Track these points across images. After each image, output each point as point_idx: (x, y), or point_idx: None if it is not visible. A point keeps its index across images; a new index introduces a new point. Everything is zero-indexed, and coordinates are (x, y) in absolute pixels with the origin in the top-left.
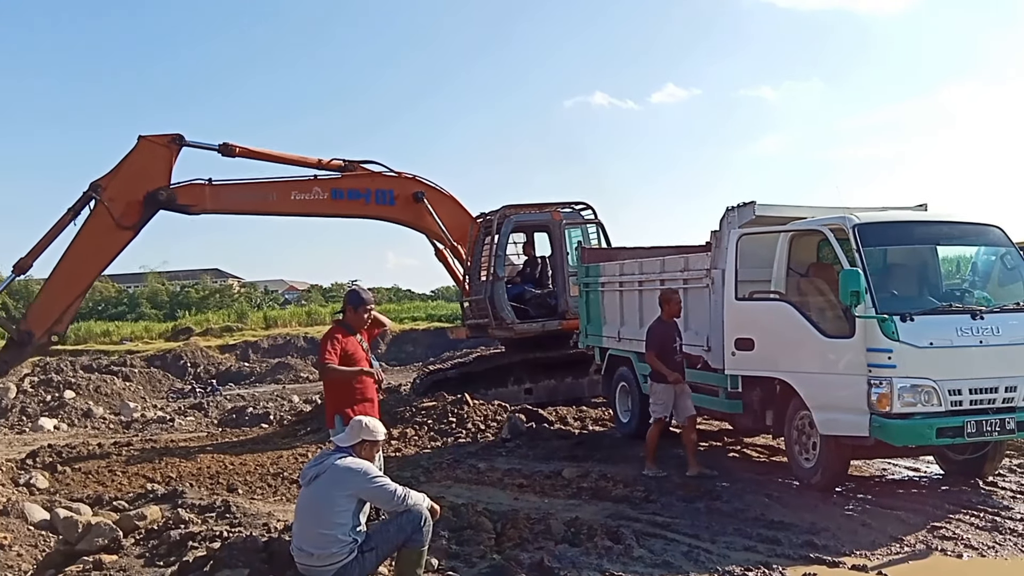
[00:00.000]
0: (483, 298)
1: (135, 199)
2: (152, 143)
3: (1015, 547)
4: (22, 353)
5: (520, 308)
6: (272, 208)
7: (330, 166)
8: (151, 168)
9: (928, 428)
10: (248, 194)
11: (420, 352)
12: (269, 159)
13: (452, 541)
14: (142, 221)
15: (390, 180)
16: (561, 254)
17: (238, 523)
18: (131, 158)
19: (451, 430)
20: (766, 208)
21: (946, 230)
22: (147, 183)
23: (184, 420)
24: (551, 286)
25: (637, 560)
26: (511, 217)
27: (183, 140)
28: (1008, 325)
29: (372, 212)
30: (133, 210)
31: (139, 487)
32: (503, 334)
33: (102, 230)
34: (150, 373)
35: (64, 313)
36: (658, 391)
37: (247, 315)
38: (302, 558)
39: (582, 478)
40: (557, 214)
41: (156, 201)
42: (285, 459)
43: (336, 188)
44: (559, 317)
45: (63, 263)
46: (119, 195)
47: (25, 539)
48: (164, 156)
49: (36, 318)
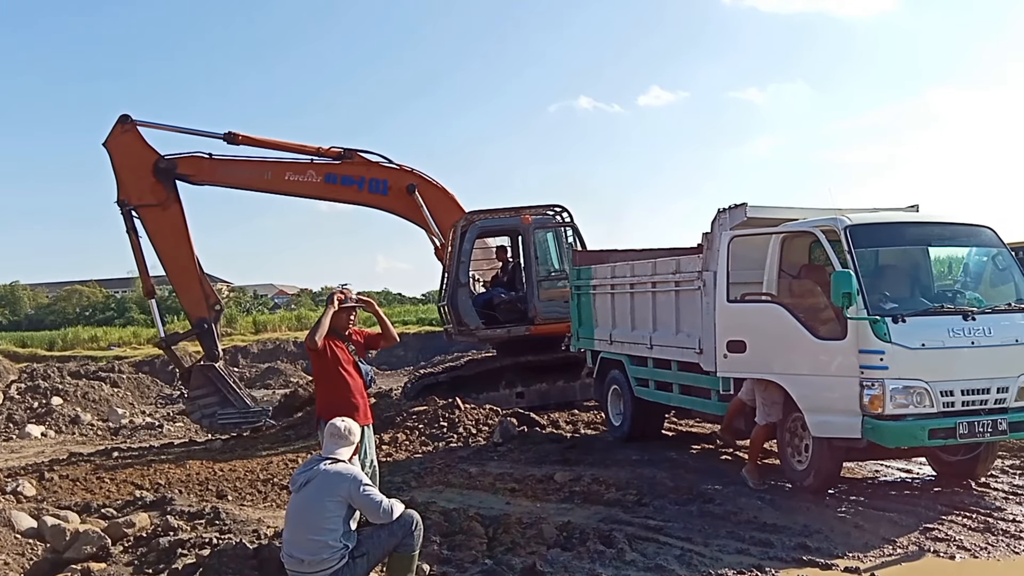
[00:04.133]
0: (447, 303)
1: (150, 181)
2: (114, 140)
3: (1007, 548)
4: (210, 336)
5: (489, 314)
6: (266, 185)
7: (329, 153)
8: (133, 155)
9: (920, 429)
10: (245, 170)
11: (411, 356)
12: (270, 146)
13: (444, 546)
14: (171, 191)
15: (385, 170)
16: (531, 258)
17: (228, 530)
18: (115, 163)
19: (442, 434)
20: (758, 210)
21: (938, 231)
22: (143, 165)
23: (173, 426)
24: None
25: (630, 564)
26: (476, 223)
27: (129, 118)
28: (1000, 326)
29: (364, 199)
30: (158, 189)
31: (127, 494)
32: (466, 339)
33: (160, 220)
34: (138, 379)
35: (204, 290)
36: (774, 391)
37: (236, 320)
38: (293, 565)
39: (574, 482)
40: (527, 218)
41: (162, 171)
42: (275, 465)
43: (330, 173)
44: (528, 322)
45: (165, 264)
46: (139, 192)
47: (12, 547)
48: (131, 140)
49: (195, 308)
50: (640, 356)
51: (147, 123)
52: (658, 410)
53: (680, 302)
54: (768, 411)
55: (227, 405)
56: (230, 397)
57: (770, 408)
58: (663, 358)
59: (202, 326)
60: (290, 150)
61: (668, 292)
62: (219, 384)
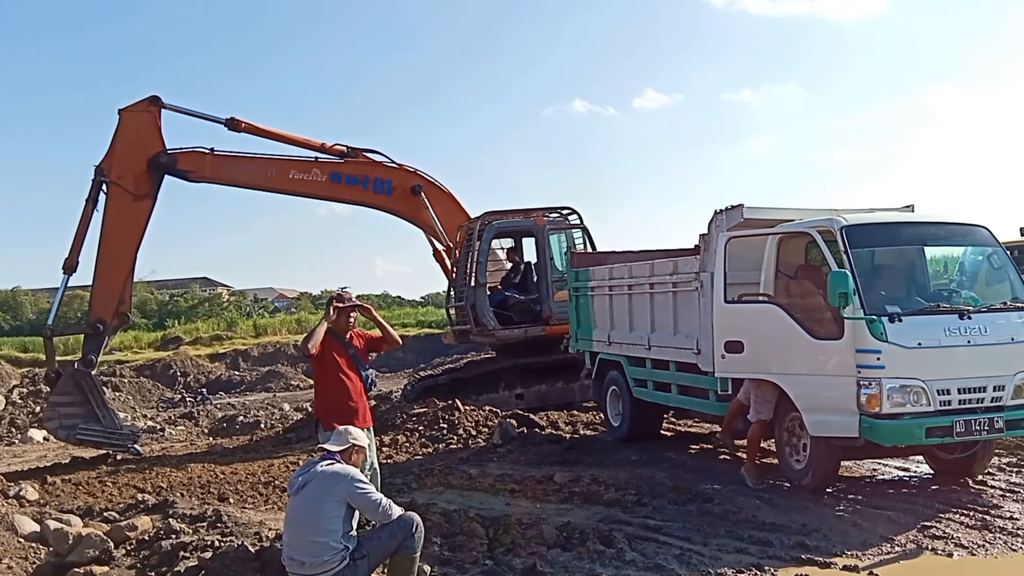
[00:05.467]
0: (465, 304)
1: (140, 169)
2: (132, 112)
3: (1005, 545)
4: (101, 340)
5: (504, 314)
6: (270, 184)
7: (332, 150)
8: (142, 136)
9: (917, 428)
10: (248, 167)
11: (410, 358)
12: (273, 137)
13: (444, 547)
14: (155, 187)
15: (390, 170)
16: (545, 259)
17: (229, 532)
18: (119, 133)
19: (442, 436)
20: (754, 211)
21: (933, 231)
22: (145, 151)
23: (174, 430)
24: (535, 292)
25: (629, 564)
26: (492, 224)
27: (160, 101)
28: (995, 325)
29: (368, 200)
30: (142, 180)
31: (130, 497)
32: (485, 340)
33: (123, 207)
34: (140, 383)
35: (123, 293)
36: (766, 390)
37: (237, 323)
38: (294, 567)
39: (574, 482)
40: (541, 219)
41: (160, 165)
42: (276, 467)
43: (335, 172)
44: (543, 323)
45: (103, 249)
46: (125, 170)
47: (15, 551)
48: (148, 121)
49: (101, 306)
50: (638, 357)
51: (175, 107)
52: (657, 410)
53: (678, 303)
54: (759, 409)
55: (92, 420)
56: (98, 412)
57: (761, 406)
58: (661, 359)
59: (96, 326)
60: (293, 143)
61: (666, 293)
62: (90, 395)
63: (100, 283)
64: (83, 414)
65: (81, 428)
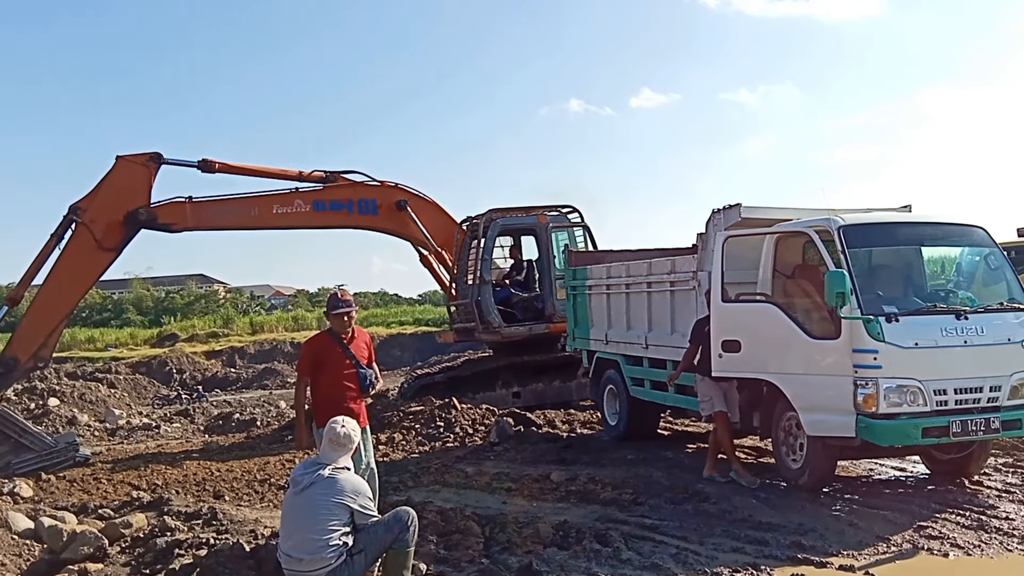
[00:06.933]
0: (470, 302)
1: (116, 219)
2: (130, 163)
3: (1001, 545)
4: (8, 379)
5: (507, 312)
6: (255, 223)
7: (311, 178)
8: (131, 188)
9: (914, 428)
10: (229, 210)
11: (407, 356)
12: (249, 173)
13: (440, 546)
14: (124, 242)
15: (372, 189)
16: (548, 257)
17: (225, 530)
18: (110, 179)
19: (439, 434)
20: (752, 210)
21: (930, 231)
22: (127, 203)
23: (170, 427)
24: (538, 289)
25: (626, 563)
26: (497, 221)
27: (162, 158)
28: (992, 325)
29: (355, 222)
30: (114, 231)
31: (124, 495)
32: (490, 338)
33: (84, 252)
34: (135, 380)
35: (49, 337)
36: (706, 387)
37: (233, 321)
38: (290, 564)
39: (570, 481)
40: (543, 217)
41: (137, 221)
42: (272, 465)
43: (318, 200)
44: (546, 320)
45: (46, 286)
46: (99, 216)
47: (9, 548)
48: (143, 175)
49: (21, 343)
50: (636, 356)
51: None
52: (654, 409)
53: (675, 302)
54: (714, 403)
55: (22, 450)
56: (24, 441)
57: (705, 404)
58: (658, 358)
59: (9, 363)
60: (270, 176)
61: (663, 292)
62: (8, 430)
63: (31, 321)
64: (10, 449)
65: (15, 463)
